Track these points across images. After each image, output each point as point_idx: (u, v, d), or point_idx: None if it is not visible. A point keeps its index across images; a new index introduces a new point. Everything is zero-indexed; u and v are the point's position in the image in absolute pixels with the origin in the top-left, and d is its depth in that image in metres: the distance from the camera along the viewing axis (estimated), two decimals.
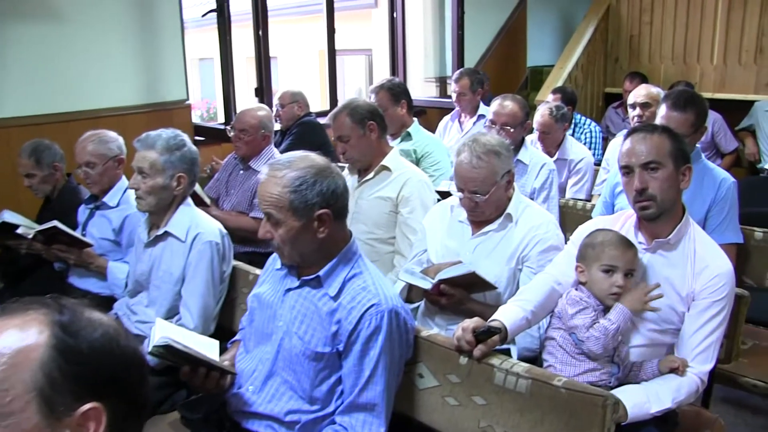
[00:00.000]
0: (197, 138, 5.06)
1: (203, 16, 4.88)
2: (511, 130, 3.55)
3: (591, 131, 5.20)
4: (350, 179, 3.26)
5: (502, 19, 7.13)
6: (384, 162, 3.15)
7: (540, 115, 4.24)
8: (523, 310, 2.13)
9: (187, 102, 5.02)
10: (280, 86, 8.22)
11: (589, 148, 4.85)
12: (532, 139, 4.44)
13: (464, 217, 2.64)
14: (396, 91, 4.09)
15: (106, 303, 3.05)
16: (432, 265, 2.64)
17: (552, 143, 4.29)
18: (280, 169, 1.98)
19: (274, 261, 2.21)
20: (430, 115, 6.21)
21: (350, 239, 2.09)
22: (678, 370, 2.06)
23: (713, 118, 5.56)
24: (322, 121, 4.84)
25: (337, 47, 6.07)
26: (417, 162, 4.02)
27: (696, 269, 2.12)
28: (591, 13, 6.60)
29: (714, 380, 2.60)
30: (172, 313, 2.71)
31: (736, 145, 5.60)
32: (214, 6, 4.94)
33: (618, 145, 3.87)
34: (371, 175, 3.16)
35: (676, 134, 2.19)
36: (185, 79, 5.00)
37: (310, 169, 1.98)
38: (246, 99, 5.64)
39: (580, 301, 2.09)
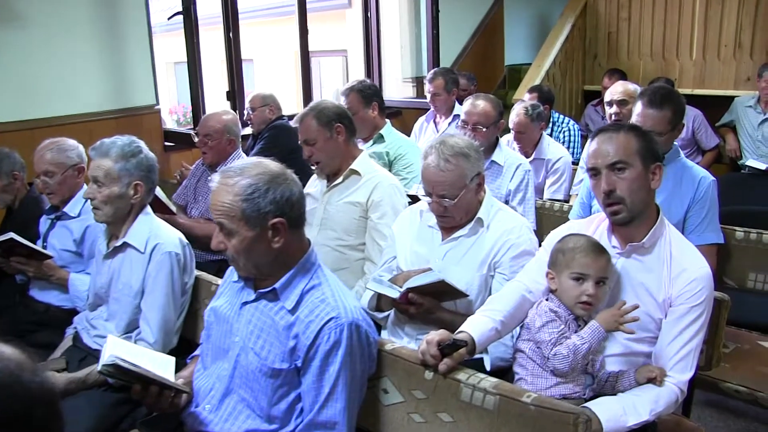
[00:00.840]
0: (167, 143, 4.95)
1: (169, 18, 4.77)
2: (484, 130, 3.45)
3: (569, 130, 5.13)
4: (318, 184, 3.16)
5: (478, 18, 7.03)
6: (353, 166, 3.04)
7: (515, 114, 4.14)
8: (492, 320, 2.02)
9: (157, 107, 4.91)
10: (256, 88, 8.08)
11: (568, 148, 4.78)
12: (508, 139, 4.37)
13: (434, 222, 2.54)
14: (367, 93, 3.99)
15: (68, 316, 2.96)
16: (401, 272, 2.54)
17: (528, 143, 4.20)
18: (232, 177, 1.88)
19: (232, 273, 2.11)
20: (407, 116, 6.12)
21: (308, 249, 1.99)
22: (656, 380, 1.96)
23: (693, 114, 5.50)
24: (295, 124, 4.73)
25: (313, 48, 5.96)
26: (390, 165, 3.92)
27: (672, 273, 2.03)
28: (568, 10, 6.52)
29: (695, 386, 2.52)
30: (132, 327, 2.60)
31: (717, 141, 5.54)
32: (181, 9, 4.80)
33: None
34: (340, 179, 3.06)
35: (643, 132, 2.10)
36: (154, 84, 4.87)
37: (262, 176, 1.88)
38: (222, 103, 5.54)
39: (548, 313, 1.99)
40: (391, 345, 2.03)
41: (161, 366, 2.08)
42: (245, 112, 4.97)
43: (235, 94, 5.44)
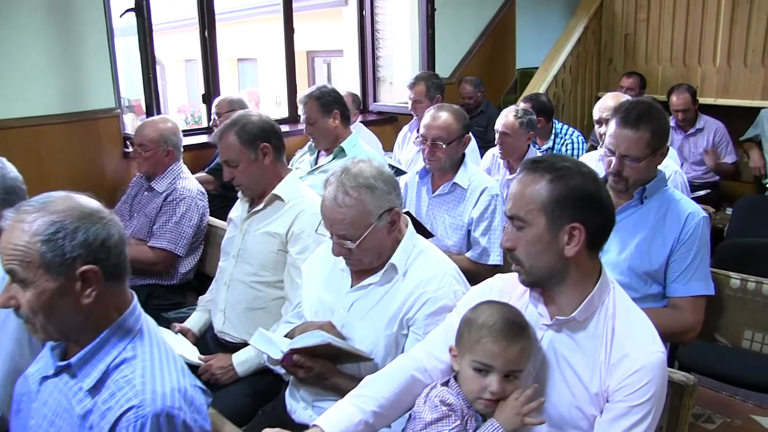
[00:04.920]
0: (127, 150, 4.54)
1: (120, 16, 4.36)
2: (444, 146, 2.94)
3: (573, 141, 4.59)
4: (241, 208, 2.73)
5: (487, 18, 6.49)
6: (276, 190, 2.59)
7: (503, 115, 3.66)
8: (360, 410, 1.56)
9: (117, 110, 4.51)
10: (260, 89, 7.61)
11: None
12: (494, 152, 3.88)
13: (345, 265, 2.08)
14: (326, 101, 3.53)
15: None
16: (302, 323, 2.12)
17: (513, 152, 3.67)
18: (30, 213, 1.44)
19: None
20: (403, 122, 5.64)
21: (128, 308, 1.54)
22: None
23: (715, 126, 5.03)
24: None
25: (320, 48, 5.58)
26: None
27: (612, 359, 1.53)
28: (581, 10, 5.93)
29: None
30: None
31: (736, 159, 5.00)
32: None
33: (592, 158, 3.26)
34: (261, 205, 2.61)
35: (568, 176, 1.55)
36: (115, 86, 4.48)
37: (71, 212, 1.45)
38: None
39: (439, 407, 1.51)
40: None
41: None
42: (212, 118, 4.57)
43: (210, 97, 5.04)
